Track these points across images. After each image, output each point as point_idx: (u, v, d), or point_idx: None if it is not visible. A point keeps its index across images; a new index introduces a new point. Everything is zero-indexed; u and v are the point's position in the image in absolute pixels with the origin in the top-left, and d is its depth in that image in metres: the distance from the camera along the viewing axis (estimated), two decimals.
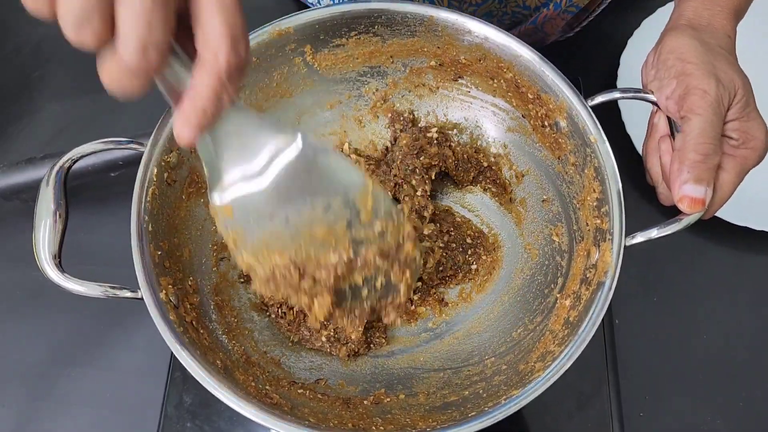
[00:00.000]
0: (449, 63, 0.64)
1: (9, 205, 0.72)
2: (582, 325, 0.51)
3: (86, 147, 0.53)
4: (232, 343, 0.57)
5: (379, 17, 0.61)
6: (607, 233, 0.54)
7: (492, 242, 0.65)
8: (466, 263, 0.64)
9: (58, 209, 0.50)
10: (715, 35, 0.55)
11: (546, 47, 0.59)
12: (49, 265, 0.49)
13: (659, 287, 0.70)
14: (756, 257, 0.71)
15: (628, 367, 0.66)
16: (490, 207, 0.67)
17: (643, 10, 0.60)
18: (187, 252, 0.57)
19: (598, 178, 0.55)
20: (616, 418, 0.63)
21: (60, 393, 0.66)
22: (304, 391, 0.56)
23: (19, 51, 0.85)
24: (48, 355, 0.68)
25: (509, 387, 0.52)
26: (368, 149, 0.68)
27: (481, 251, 0.65)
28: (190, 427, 0.62)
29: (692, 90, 0.51)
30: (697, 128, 0.50)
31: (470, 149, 0.66)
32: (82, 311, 0.69)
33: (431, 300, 0.63)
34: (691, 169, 0.50)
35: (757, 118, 0.52)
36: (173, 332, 0.49)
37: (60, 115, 0.80)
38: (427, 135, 0.64)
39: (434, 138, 0.64)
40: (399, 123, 0.67)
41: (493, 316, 0.62)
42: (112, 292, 0.50)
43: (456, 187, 0.68)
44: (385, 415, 0.55)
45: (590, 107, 0.56)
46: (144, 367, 0.66)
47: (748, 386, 0.66)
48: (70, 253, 0.52)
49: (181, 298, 0.54)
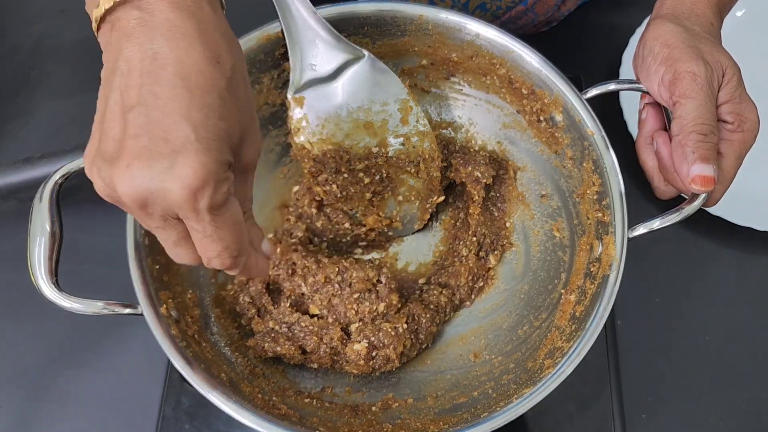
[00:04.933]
0: (441, 61, 0.63)
1: (6, 204, 0.71)
2: (589, 319, 0.51)
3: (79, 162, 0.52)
4: (236, 355, 0.56)
5: (369, 18, 0.60)
6: (609, 226, 0.53)
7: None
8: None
9: (52, 227, 0.49)
10: (698, 21, 0.55)
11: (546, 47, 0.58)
12: (45, 284, 0.48)
13: (661, 288, 0.70)
14: (759, 258, 0.71)
15: (630, 368, 0.65)
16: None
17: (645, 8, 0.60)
18: (184, 265, 0.56)
19: (597, 170, 0.55)
20: (618, 419, 0.63)
21: (58, 394, 0.66)
22: (311, 400, 0.55)
23: (17, 50, 0.85)
24: (46, 356, 0.67)
25: (519, 385, 0.52)
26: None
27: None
28: (188, 429, 0.62)
29: (681, 74, 0.51)
30: (692, 111, 0.50)
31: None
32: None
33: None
34: (695, 150, 0.50)
35: (748, 98, 0.53)
36: (176, 347, 0.48)
37: (58, 114, 0.80)
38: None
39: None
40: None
41: (497, 315, 0.61)
42: (111, 309, 0.49)
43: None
44: (395, 420, 0.54)
45: (586, 100, 0.56)
46: (142, 368, 0.66)
47: (751, 387, 0.66)
48: (67, 254, 0.51)
49: (181, 312, 0.53)
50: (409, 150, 0.61)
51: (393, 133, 0.60)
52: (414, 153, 0.61)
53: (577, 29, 0.82)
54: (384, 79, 0.59)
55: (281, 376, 0.57)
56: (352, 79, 0.58)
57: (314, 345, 0.55)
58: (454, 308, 0.62)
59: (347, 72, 0.57)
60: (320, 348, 0.55)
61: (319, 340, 0.55)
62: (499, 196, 0.65)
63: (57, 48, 0.84)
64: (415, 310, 0.58)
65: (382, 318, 0.57)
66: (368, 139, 0.60)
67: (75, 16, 0.86)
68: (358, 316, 0.57)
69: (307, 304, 0.57)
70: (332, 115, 0.58)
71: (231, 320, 0.58)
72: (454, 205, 0.66)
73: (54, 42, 0.85)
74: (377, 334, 0.55)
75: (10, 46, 0.85)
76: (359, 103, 0.59)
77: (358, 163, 0.60)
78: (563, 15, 0.79)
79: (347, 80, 0.58)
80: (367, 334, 0.55)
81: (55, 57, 0.84)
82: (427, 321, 0.58)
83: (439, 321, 0.60)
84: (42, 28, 0.86)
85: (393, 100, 0.59)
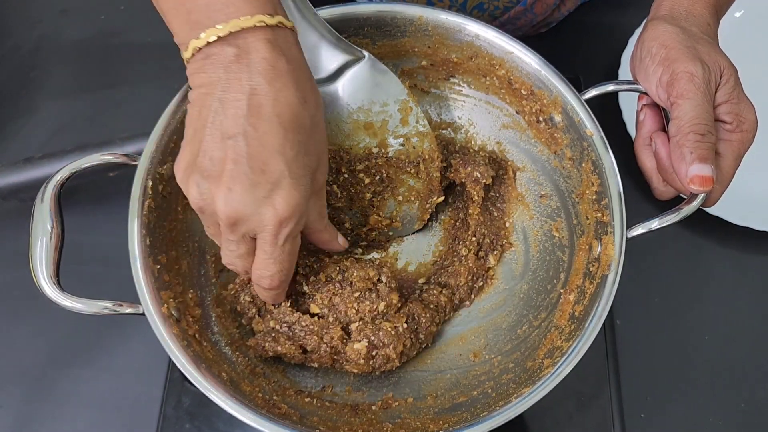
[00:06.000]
0: (440, 62, 0.63)
1: (7, 204, 0.72)
2: (588, 319, 0.51)
3: (80, 162, 0.52)
4: (236, 355, 0.56)
5: (369, 19, 0.60)
6: (608, 226, 0.54)
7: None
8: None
9: (54, 227, 0.49)
10: (696, 22, 0.55)
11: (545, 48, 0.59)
12: (47, 284, 0.49)
13: (661, 288, 0.70)
14: (757, 258, 0.71)
15: (630, 368, 0.65)
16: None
17: (644, 8, 0.60)
18: (185, 264, 0.57)
19: (596, 171, 0.55)
20: (617, 419, 0.63)
21: (58, 394, 0.66)
22: (311, 400, 0.56)
23: (18, 50, 0.85)
24: (46, 355, 0.67)
25: (518, 385, 0.52)
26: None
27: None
28: (188, 428, 0.62)
29: (679, 74, 0.51)
30: (689, 111, 0.50)
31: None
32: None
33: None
34: (693, 150, 0.50)
35: (746, 99, 0.53)
36: (178, 347, 0.49)
37: (58, 114, 0.80)
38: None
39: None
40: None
41: (497, 315, 0.61)
42: (113, 308, 0.50)
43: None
44: (395, 419, 0.54)
45: (585, 101, 0.56)
46: (143, 368, 0.66)
47: (750, 387, 0.66)
48: (69, 254, 0.51)
49: (182, 312, 0.53)
50: (409, 150, 0.61)
51: (393, 133, 0.61)
52: (414, 153, 0.61)
53: (576, 30, 0.83)
54: (384, 79, 0.59)
55: (282, 375, 0.57)
56: (352, 79, 0.58)
57: (315, 344, 0.55)
58: (453, 308, 0.62)
59: (347, 73, 0.58)
60: (320, 347, 0.55)
61: (320, 340, 0.55)
62: (498, 196, 0.65)
63: (58, 48, 0.85)
64: (415, 309, 0.58)
65: (382, 317, 0.57)
66: (368, 140, 0.60)
67: (76, 17, 0.87)
68: (359, 315, 0.57)
69: (308, 303, 0.58)
70: (332, 116, 0.59)
71: (232, 320, 0.58)
72: (453, 205, 0.66)
73: (55, 42, 0.85)
74: (377, 334, 0.56)
75: (11, 46, 0.85)
76: (359, 104, 0.59)
77: (359, 164, 0.60)
78: (562, 15, 0.79)
79: (347, 81, 0.58)
80: (367, 334, 0.56)
81: (56, 57, 0.84)
82: (427, 320, 0.58)
83: (439, 321, 0.60)
84: (43, 28, 0.86)
85: (393, 100, 0.60)
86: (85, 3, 0.88)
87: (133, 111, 0.78)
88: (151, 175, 0.54)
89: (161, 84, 0.74)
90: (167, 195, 0.55)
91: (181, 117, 0.55)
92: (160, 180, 0.54)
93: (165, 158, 0.55)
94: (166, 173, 0.55)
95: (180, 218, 0.57)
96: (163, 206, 0.55)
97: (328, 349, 0.55)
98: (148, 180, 0.53)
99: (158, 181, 0.54)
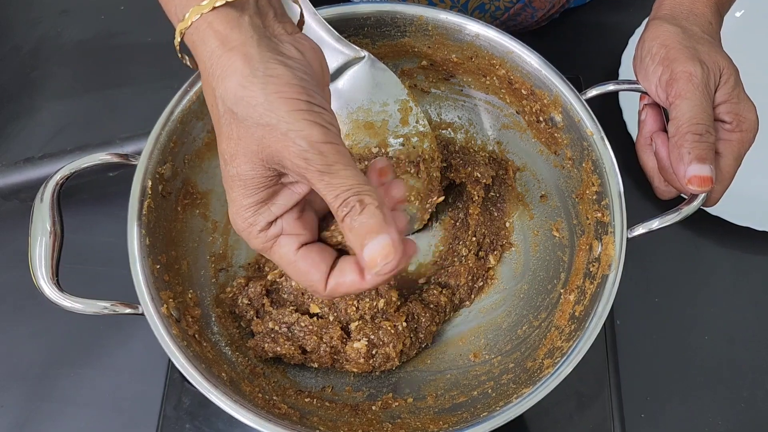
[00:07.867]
0: (440, 62, 0.63)
1: (8, 205, 0.72)
2: (588, 319, 0.51)
3: (80, 162, 0.52)
4: (236, 355, 0.56)
5: (369, 19, 0.60)
6: (609, 226, 0.53)
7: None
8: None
9: (53, 227, 0.49)
10: (697, 21, 0.55)
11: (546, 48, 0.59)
12: (46, 284, 0.49)
13: (661, 288, 0.70)
14: (757, 258, 0.71)
15: (630, 368, 0.65)
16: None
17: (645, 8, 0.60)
18: (185, 265, 0.57)
19: (597, 171, 0.55)
20: (617, 419, 0.63)
21: (58, 394, 0.66)
22: (311, 400, 0.56)
23: (18, 50, 0.85)
24: (46, 355, 0.67)
25: (518, 385, 0.52)
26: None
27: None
28: (189, 428, 0.62)
29: (678, 74, 0.51)
30: (687, 111, 0.50)
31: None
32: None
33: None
34: (691, 150, 0.50)
35: (746, 98, 0.53)
36: (177, 347, 0.49)
37: (59, 114, 0.80)
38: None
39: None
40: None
41: (497, 315, 0.61)
42: (112, 309, 0.49)
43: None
44: (395, 419, 0.54)
45: (585, 101, 0.56)
46: (143, 368, 0.66)
47: (750, 387, 0.66)
48: (68, 254, 0.51)
49: (182, 312, 0.53)
50: (409, 150, 0.61)
51: (393, 133, 0.61)
52: (414, 153, 0.61)
53: (576, 29, 0.83)
54: (384, 79, 0.59)
55: (281, 375, 0.57)
56: (352, 79, 0.58)
57: (314, 344, 0.55)
58: (453, 308, 0.62)
59: (347, 73, 0.58)
60: (320, 347, 0.55)
61: (319, 340, 0.55)
62: (498, 196, 0.65)
63: (58, 48, 0.85)
64: (415, 309, 0.58)
65: (381, 316, 0.57)
66: (368, 140, 0.60)
67: (76, 17, 0.87)
68: (359, 313, 0.57)
69: (308, 303, 0.58)
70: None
71: (231, 320, 0.58)
72: (453, 205, 0.66)
73: (55, 42, 0.85)
74: (377, 333, 0.56)
75: (11, 46, 0.85)
76: (359, 104, 0.59)
77: (358, 164, 0.60)
78: (563, 8, 0.78)
79: (347, 81, 0.58)
80: (366, 333, 0.56)
81: (56, 57, 0.84)
82: (427, 320, 0.58)
83: (439, 320, 0.60)
84: (43, 28, 0.86)
85: (393, 100, 0.60)
86: (85, 3, 0.88)
87: (133, 111, 0.78)
88: (151, 175, 0.53)
89: (161, 84, 0.74)
90: (167, 195, 0.55)
91: (181, 117, 0.55)
92: (160, 180, 0.54)
93: (164, 158, 0.55)
94: (166, 173, 0.55)
95: (180, 218, 0.57)
96: (163, 206, 0.55)
97: (328, 348, 0.55)
98: (147, 180, 0.53)
99: (158, 181, 0.54)
